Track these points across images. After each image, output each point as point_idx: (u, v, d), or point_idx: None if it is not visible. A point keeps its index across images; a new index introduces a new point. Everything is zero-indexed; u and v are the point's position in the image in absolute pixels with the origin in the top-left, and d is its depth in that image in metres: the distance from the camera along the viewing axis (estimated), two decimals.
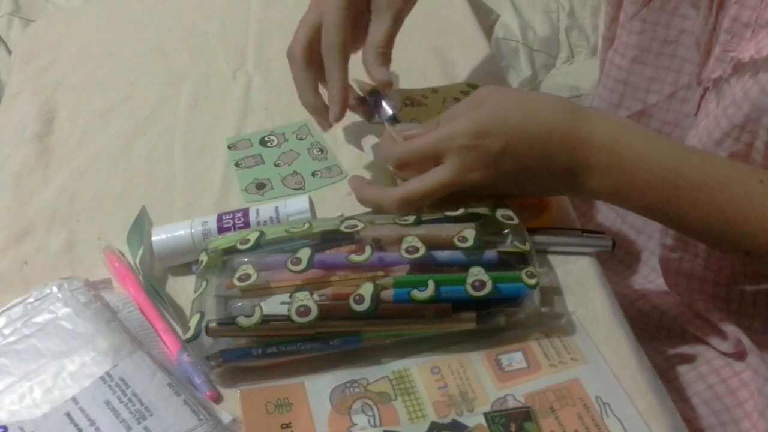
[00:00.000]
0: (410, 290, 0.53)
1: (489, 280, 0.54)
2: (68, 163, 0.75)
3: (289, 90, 0.80)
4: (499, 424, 0.50)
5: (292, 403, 0.52)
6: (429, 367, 0.54)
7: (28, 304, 0.58)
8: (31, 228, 0.68)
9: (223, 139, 0.75)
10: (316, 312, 0.52)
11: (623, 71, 0.72)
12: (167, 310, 0.59)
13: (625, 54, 0.72)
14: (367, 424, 0.51)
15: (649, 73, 0.71)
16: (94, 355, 0.53)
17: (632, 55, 0.71)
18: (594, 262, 0.61)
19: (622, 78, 0.73)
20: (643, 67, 0.71)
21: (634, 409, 0.50)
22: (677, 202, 0.55)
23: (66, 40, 0.93)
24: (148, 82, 0.84)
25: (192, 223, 0.61)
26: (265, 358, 0.53)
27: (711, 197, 0.54)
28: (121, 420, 0.50)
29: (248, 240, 0.57)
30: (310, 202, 0.62)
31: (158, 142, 0.76)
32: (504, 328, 0.55)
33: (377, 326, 0.54)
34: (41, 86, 0.85)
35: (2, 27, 1.31)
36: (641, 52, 0.71)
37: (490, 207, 0.60)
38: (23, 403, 0.52)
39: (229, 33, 0.90)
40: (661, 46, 0.69)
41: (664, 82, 0.71)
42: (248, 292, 0.55)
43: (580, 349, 0.54)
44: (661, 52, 0.70)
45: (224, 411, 0.52)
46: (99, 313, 0.56)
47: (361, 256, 0.55)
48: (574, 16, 1.76)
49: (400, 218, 0.59)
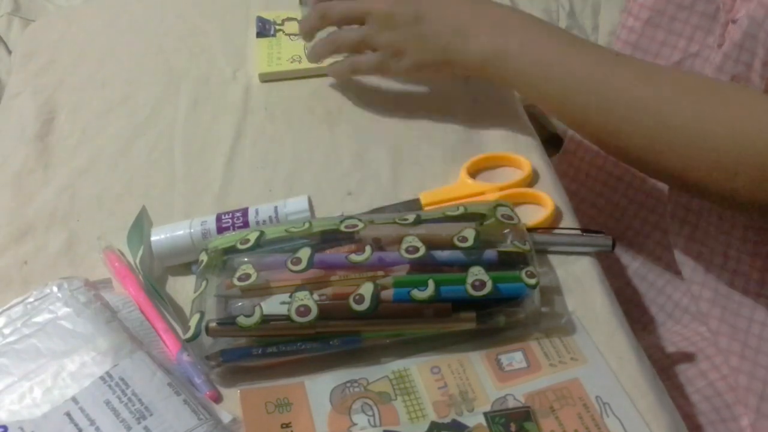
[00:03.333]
0: (410, 290, 0.53)
1: (489, 280, 0.54)
2: (68, 163, 0.75)
3: (289, 90, 0.81)
4: (499, 423, 0.50)
5: (292, 403, 0.52)
6: (429, 367, 0.54)
7: (28, 303, 0.58)
8: (31, 228, 0.68)
9: (223, 138, 0.75)
10: (316, 312, 0.52)
11: (635, 33, 0.73)
12: (167, 310, 0.59)
13: (639, 16, 0.72)
14: (367, 423, 0.51)
15: (661, 37, 0.71)
16: (94, 355, 0.53)
17: (646, 17, 0.72)
18: (594, 262, 0.61)
19: (633, 41, 0.73)
20: (656, 30, 0.71)
21: (634, 409, 0.51)
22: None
23: (66, 40, 0.93)
24: (147, 82, 0.84)
25: (191, 223, 0.61)
26: (265, 357, 0.53)
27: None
28: (121, 420, 0.50)
29: (248, 240, 0.57)
30: (309, 202, 0.62)
31: (158, 142, 0.76)
32: (504, 328, 0.55)
33: (377, 326, 0.54)
34: (41, 86, 0.85)
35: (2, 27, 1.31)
36: (656, 13, 0.71)
37: (491, 207, 0.60)
38: (23, 402, 0.52)
39: (229, 33, 0.90)
40: (676, 10, 0.70)
41: (674, 47, 0.71)
42: (248, 291, 0.55)
43: (580, 349, 0.54)
44: (675, 16, 0.70)
45: (224, 411, 0.52)
46: (99, 312, 0.56)
47: (361, 256, 0.55)
48: (574, 16, 1.76)
49: (400, 218, 0.59)
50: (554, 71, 0.63)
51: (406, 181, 0.69)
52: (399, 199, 0.67)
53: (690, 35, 0.70)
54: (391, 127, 0.75)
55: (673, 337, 0.72)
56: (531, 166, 0.68)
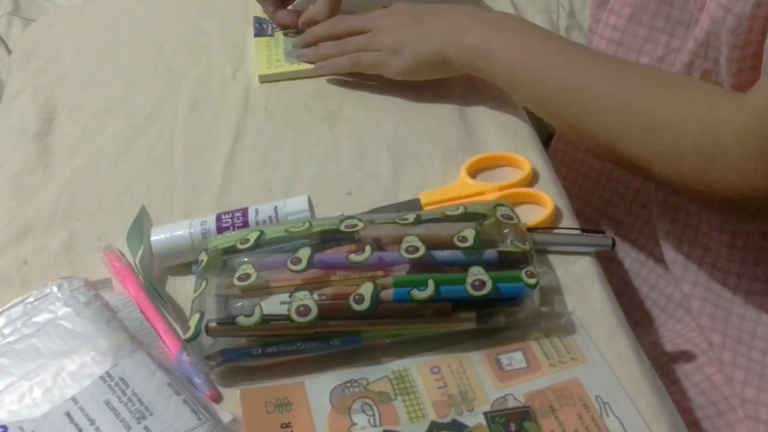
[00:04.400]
0: (410, 290, 0.53)
1: (489, 280, 0.54)
2: (68, 163, 0.75)
3: (289, 90, 0.81)
4: (498, 423, 0.50)
5: (292, 403, 0.52)
6: (429, 367, 0.54)
7: (28, 303, 0.58)
8: (31, 228, 0.68)
9: (223, 138, 0.75)
10: (316, 311, 0.52)
11: (618, 31, 0.74)
12: (167, 310, 0.59)
13: (621, 13, 0.73)
14: (366, 423, 0.51)
15: (643, 33, 0.72)
16: (94, 355, 0.53)
17: (629, 14, 0.73)
18: (594, 262, 0.61)
19: (617, 38, 0.74)
20: (639, 27, 0.72)
21: (634, 409, 0.51)
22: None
23: (66, 39, 0.93)
24: (147, 82, 0.84)
25: (191, 223, 0.61)
26: (265, 357, 0.53)
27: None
28: (121, 419, 0.50)
29: (248, 240, 0.57)
30: (309, 202, 0.62)
31: (158, 142, 0.76)
32: (504, 327, 0.55)
33: (377, 326, 0.54)
34: (41, 86, 0.85)
35: (2, 27, 1.31)
36: (638, 10, 0.72)
37: (490, 207, 0.60)
38: (23, 402, 0.52)
39: (229, 33, 0.90)
40: (658, 5, 0.71)
41: (657, 43, 0.71)
42: (248, 291, 0.55)
43: (580, 349, 0.54)
44: (657, 12, 0.71)
45: (224, 411, 0.52)
46: (99, 312, 0.56)
47: (361, 256, 0.55)
48: (574, 16, 1.76)
49: (400, 218, 0.59)
50: (530, 67, 0.66)
51: (406, 181, 0.69)
52: (399, 199, 0.67)
53: (671, 31, 0.71)
54: (391, 127, 0.75)
55: (668, 332, 0.72)
56: (531, 166, 0.68)
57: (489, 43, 0.68)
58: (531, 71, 0.66)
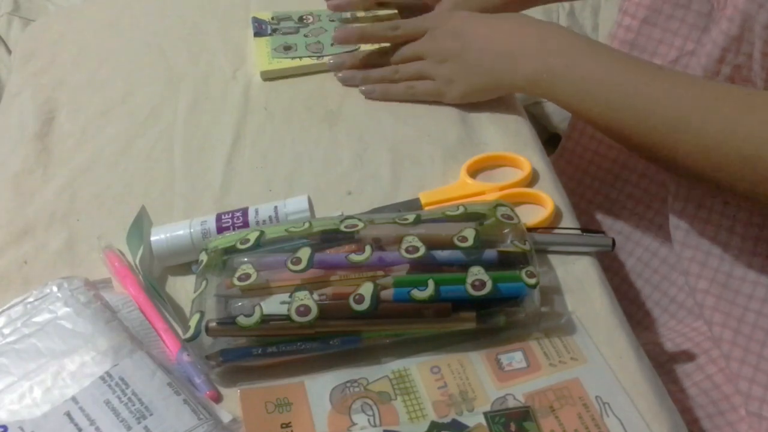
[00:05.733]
0: (410, 290, 0.53)
1: (489, 280, 0.54)
2: (68, 163, 0.75)
3: (289, 90, 0.81)
4: (499, 423, 0.50)
5: (292, 403, 0.52)
6: (429, 367, 0.54)
7: (28, 303, 0.58)
8: (31, 228, 0.68)
9: (222, 138, 0.75)
10: (316, 311, 0.52)
11: (632, 32, 0.73)
12: (167, 310, 0.59)
13: (636, 14, 0.73)
14: (366, 423, 0.51)
15: (657, 35, 0.72)
16: (93, 355, 0.53)
17: (643, 16, 0.72)
18: (594, 262, 0.61)
19: (630, 39, 0.74)
20: (653, 29, 0.72)
21: (634, 409, 0.51)
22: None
23: (66, 39, 0.93)
24: (147, 82, 0.84)
25: (191, 223, 0.61)
26: (265, 357, 0.53)
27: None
28: (121, 419, 0.50)
29: (248, 239, 0.57)
30: (309, 202, 0.62)
31: (158, 141, 0.76)
32: (504, 327, 0.55)
33: (377, 326, 0.54)
34: (41, 86, 0.85)
35: (2, 27, 1.31)
36: (652, 12, 0.72)
37: (490, 207, 0.60)
38: (23, 402, 0.52)
39: (229, 33, 0.90)
40: (673, 8, 0.71)
41: (671, 46, 0.71)
42: (248, 291, 0.55)
43: (580, 348, 0.54)
44: (671, 14, 0.71)
45: (224, 410, 0.52)
46: (99, 312, 0.56)
47: (361, 256, 0.55)
48: (574, 16, 1.76)
49: (400, 218, 0.59)
50: (598, 88, 0.65)
51: (406, 181, 0.69)
52: (399, 199, 0.67)
53: (686, 33, 0.70)
54: (391, 127, 0.75)
55: (670, 333, 0.72)
56: (531, 166, 0.68)
57: (546, 68, 0.67)
58: (596, 94, 0.66)
